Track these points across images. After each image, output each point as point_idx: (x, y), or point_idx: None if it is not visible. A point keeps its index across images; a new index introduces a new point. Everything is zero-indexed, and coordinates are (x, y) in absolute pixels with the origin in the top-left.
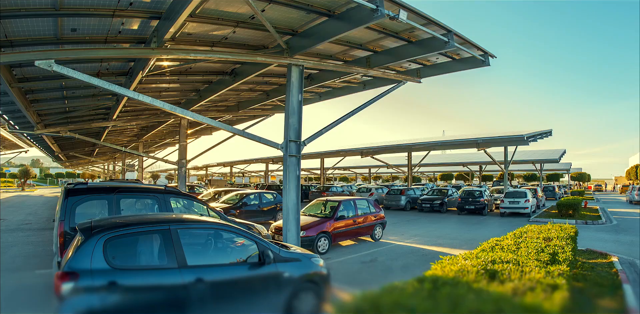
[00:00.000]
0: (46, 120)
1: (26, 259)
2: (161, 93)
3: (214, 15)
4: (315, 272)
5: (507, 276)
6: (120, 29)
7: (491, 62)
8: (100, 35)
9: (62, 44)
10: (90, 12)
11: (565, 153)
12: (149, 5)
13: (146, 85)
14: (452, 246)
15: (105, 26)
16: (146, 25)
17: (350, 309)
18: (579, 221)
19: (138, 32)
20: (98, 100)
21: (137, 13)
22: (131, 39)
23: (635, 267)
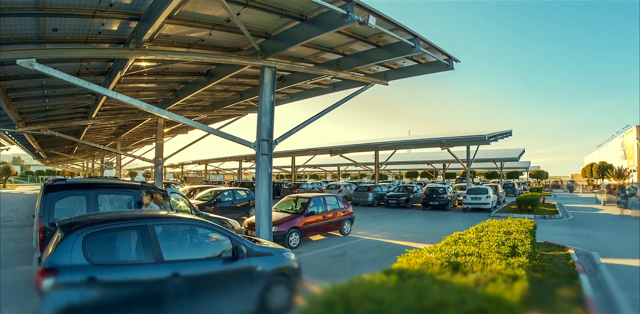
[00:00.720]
0: (27, 118)
1: (8, 256)
2: (139, 93)
3: (191, 18)
4: (286, 266)
5: (469, 268)
6: (101, 30)
7: (455, 66)
8: (81, 35)
9: (44, 44)
10: (72, 13)
11: (524, 152)
12: (129, 6)
13: (125, 84)
14: (418, 240)
15: (86, 26)
16: (125, 26)
17: (320, 302)
18: (537, 216)
19: (118, 32)
20: (78, 99)
21: (117, 14)
22: (111, 40)
23: (591, 258)
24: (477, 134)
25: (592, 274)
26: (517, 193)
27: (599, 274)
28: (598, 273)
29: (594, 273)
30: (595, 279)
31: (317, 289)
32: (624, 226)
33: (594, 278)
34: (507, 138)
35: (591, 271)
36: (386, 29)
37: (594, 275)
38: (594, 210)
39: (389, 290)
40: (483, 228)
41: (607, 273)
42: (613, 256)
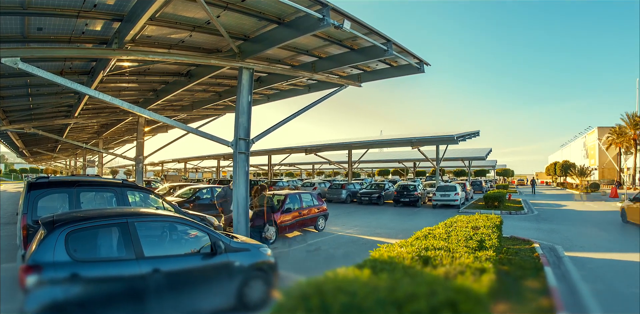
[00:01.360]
0: (11, 117)
1: None
2: (121, 93)
3: (173, 20)
4: (263, 261)
5: (439, 262)
6: (84, 30)
7: (426, 68)
8: (65, 34)
9: (28, 43)
10: (56, 12)
11: (491, 151)
12: (112, 7)
13: (107, 84)
14: (389, 235)
15: (70, 26)
16: (108, 26)
17: (296, 295)
18: (503, 211)
19: (101, 33)
20: (61, 97)
21: (101, 15)
22: (94, 40)
23: (555, 252)
24: (446, 134)
25: (556, 266)
26: (484, 191)
27: (563, 267)
28: (562, 265)
29: (558, 266)
30: (559, 271)
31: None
32: (587, 221)
33: (558, 270)
34: (474, 138)
35: (555, 264)
36: (360, 33)
37: (558, 267)
38: (558, 206)
39: (362, 283)
40: (452, 223)
41: (571, 265)
42: (576, 250)
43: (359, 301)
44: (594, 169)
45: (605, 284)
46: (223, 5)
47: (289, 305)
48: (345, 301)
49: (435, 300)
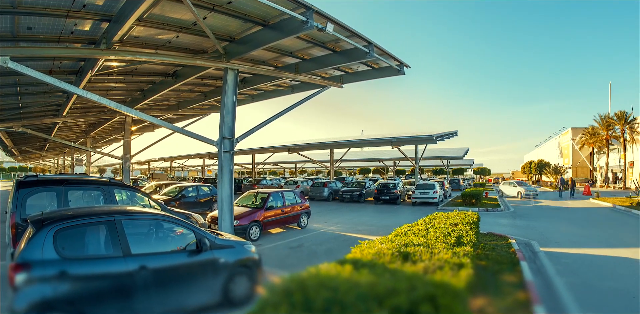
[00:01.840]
0: (0, 116)
1: None
2: (108, 92)
3: (160, 21)
4: (248, 257)
5: (418, 257)
6: (73, 30)
7: (406, 70)
8: (54, 34)
9: (18, 42)
10: (46, 12)
11: (468, 151)
12: (101, 8)
13: (95, 83)
14: (370, 232)
15: (59, 26)
16: (97, 27)
17: (280, 291)
18: (480, 209)
19: (89, 33)
20: (50, 97)
21: (90, 15)
22: (82, 40)
23: (531, 247)
24: (425, 134)
25: (532, 261)
26: (462, 188)
27: (538, 261)
28: (537, 260)
29: (534, 260)
30: (534, 265)
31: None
32: (561, 217)
33: (534, 265)
34: (453, 138)
35: (531, 259)
36: (343, 35)
37: (534, 262)
38: (534, 203)
39: (343, 279)
40: (431, 220)
41: (546, 260)
42: (551, 245)
43: (340, 297)
44: (567, 168)
45: (580, 278)
46: (209, 7)
47: (273, 301)
48: (328, 296)
49: (415, 295)
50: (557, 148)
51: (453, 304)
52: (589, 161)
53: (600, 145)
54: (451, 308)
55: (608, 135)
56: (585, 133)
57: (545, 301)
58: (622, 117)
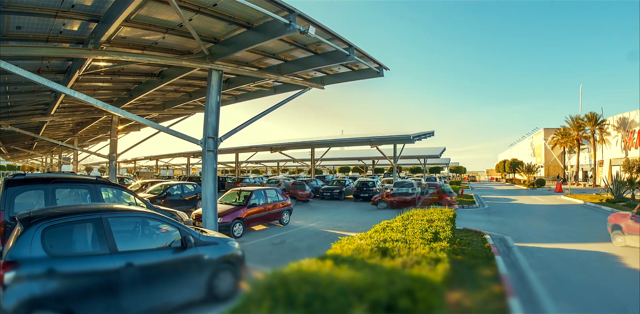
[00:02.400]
0: None
1: None
2: (95, 92)
3: (147, 22)
4: (231, 254)
5: (397, 253)
6: (62, 29)
7: (385, 72)
8: (43, 34)
9: (7, 41)
10: (36, 12)
11: (445, 150)
12: (89, 8)
13: (82, 83)
14: (350, 228)
15: (48, 26)
16: (85, 27)
17: (262, 286)
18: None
19: (78, 33)
20: (38, 96)
21: (78, 15)
22: (71, 39)
23: (505, 242)
24: (403, 134)
25: (506, 255)
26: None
27: (512, 256)
28: (511, 255)
29: (508, 255)
30: (509, 259)
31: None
32: (534, 213)
33: (508, 259)
34: (430, 137)
35: (505, 253)
36: (324, 38)
37: (508, 256)
38: (507, 200)
39: (324, 274)
40: (408, 217)
41: (520, 254)
42: (525, 240)
43: (322, 291)
44: (540, 166)
45: (552, 272)
46: (195, 9)
47: (256, 296)
48: (309, 291)
49: (393, 289)
50: (530, 147)
51: (430, 297)
52: (560, 160)
53: (572, 144)
54: (428, 301)
55: (579, 135)
56: (557, 134)
57: (520, 293)
58: (592, 119)
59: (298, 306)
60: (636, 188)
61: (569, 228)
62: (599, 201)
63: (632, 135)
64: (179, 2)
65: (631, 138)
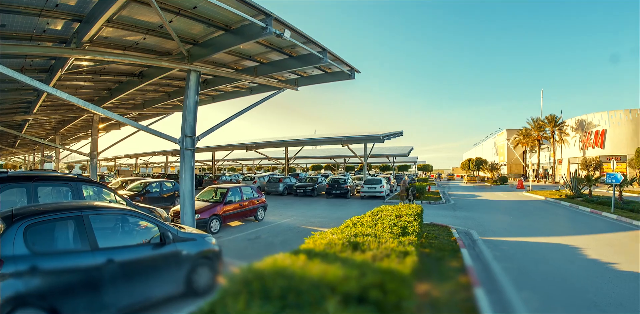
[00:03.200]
0: None
1: None
2: (77, 91)
3: (129, 22)
4: (209, 249)
5: (367, 247)
6: (45, 28)
7: (356, 74)
8: (27, 32)
9: None
10: (20, 10)
11: (412, 149)
12: (73, 8)
13: (64, 82)
14: (322, 224)
15: (32, 24)
16: (68, 26)
17: (239, 280)
18: (424, 201)
19: (61, 32)
20: (21, 94)
21: (62, 15)
22: (54, 39)
23: (470, 235)
24: (372, 134)
25: (472, 248)
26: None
27: (477, 248)
28: (476, 247)
29: (473, 248)
30: (474, 252)
31: (236, 269)
32: (497, 209)
33: (473, 251)
34: (398, 137)
35: (470, 246)
36: (299, 41)
37: (473, 249)
38: (472, 196)
39: (298, 268)
40: (378, 212)
41: (484, 247)
42: (489, 234)
43: (296, 285)
44: (503, 165)
45: (515, 263)
46: (175, 11)
47: (233, 289)
48: (284, 284)
49: (364, 281)
50: (494, 147)
51: (400, 289)
52: (522, 159)
53: (533, 144)
54: (398, 292)
55: (539, 135)
56: (519, 134)
57: (484, 283)
58: (552, 120)
59: (273, 299)
60: (593, 185)
61: (530, 223)
62: (559, 197)
63: (589, 136)
64: (160, 3)
65: (589, 139)
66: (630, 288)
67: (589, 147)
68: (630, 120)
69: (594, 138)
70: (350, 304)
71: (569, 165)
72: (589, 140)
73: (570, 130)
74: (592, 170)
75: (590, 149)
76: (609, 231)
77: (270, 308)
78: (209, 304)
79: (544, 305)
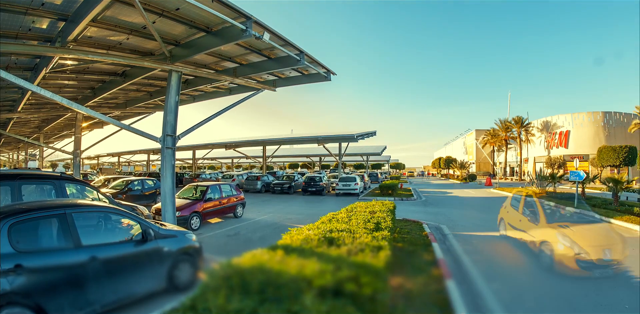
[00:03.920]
0: None
1: None
2: (61, 89)
3: (113, 23)
4: (189, 246)
5: (342, 242)
6: (31, 27)
7: (332, 76)
8: (13, 30)
9: None
10: (6, 8)
11: (386, 148)
12: (59, 7)
13: (49, 80)
14: (299, 220)
15: (17, 22)
16: (54, 25)
17: (219, 276)
18: (396, 198)
19: (46, 31)
20: (5, 92)
21: (47, 13)
22: (39, 37)
23: (441, 230)
24: (347, 133)
25: (442, 242)
26: (380, 181)
27: (448, 242)
28: (447, 241)
29: (444, 242)
30: (444, 246)
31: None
32: (467, 205)
33: (444, 245)
34: (372, 137)
35: (441, 240)
36: (277, 44)
37: (444, 243)
38: (443, 193)
39: (276, 263)
40: (352, 209)
41: (454, 241)
42: (459, 229)
43: (274, 279)
44: (472, 163)
45: (484, 256)
46: (159, 12)
47: (213, 285)
48: (262, 279)
49: (340, 275)
50: (463, 146)
51: (374, 282)
52: (490, 158)
53: (500, 144)
54: (373, 285)
55: (507, 136)
56: (487, 134)
57: (455, 275)
58: (519, 122)
59: (252, 294)
60: (557, 182)
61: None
62: (525, 194)
63: (554, 136)
64: (144, 4)
65: (553, 139)
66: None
67: (554, 146)
68: (592, 121)
69: (558, 139)
70: (326, 297)
71: (535, 163)
72: (554, 140)
73: (535, 131)
74: (556, 168)
75: (554, 149)
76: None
77: (249, 302)
78: (191, 300)
79: (513, 295)
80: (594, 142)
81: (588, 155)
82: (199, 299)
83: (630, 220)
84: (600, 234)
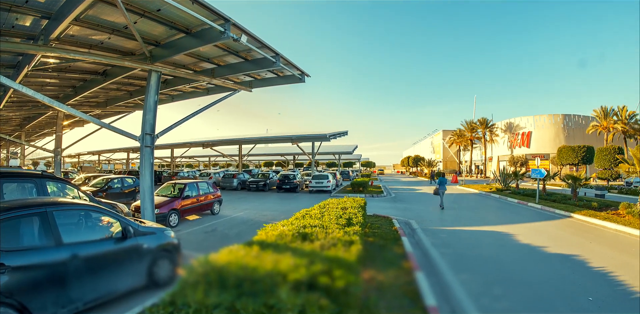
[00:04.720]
0: None
1: None
2: (43, 87)
3: (95, 22)
4: (168, 242)
5: (315, 237)
6: (14, 24)
7: (306, 78)
8: None
9: None
10: None
11: (357, 147)
12: (42, 5)
13: (31, 78)
14: (274, 216)
15: (1, 19)
16: (37, 23)
17: (197, 271)
18: (367, 195)
19: (29, 29)
20: None
21: (31, 11)
22: (22, 35)
23: (410, 225)
24: (320, 133)
25: (411, 236)
26: (351, 178)
27: (416, 236)
28: (415, 235)
29: (413, 236)
30: (413, 240)
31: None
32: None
33: (413, 239)
34: (344, 136)
35: (410, 234)
36: (254, 46)
37: (413, 237)
38: (411, 190)
39: (251, 257)
40: (325, 205)
41: (423, 235)
42: (427, 224)
43: (250, 274)
44: (439, 161)
45: (451, 249)
46: (140, 12)
47: (191, 280)
48: (239, 274)
49: (313, 269)
50: (431, 146)
51: (347, 275)
52: (456, 157)
53: (466, 144)
54: (345, 278)
55: (472, 136)
56: (454, 135)
57: (424, 267)
58: (484, 123)
59: (230, 288)
60: (520, 179)
61: (465, 213)
62: (490, 190)
63: (517, 137)
64: (126, 4)
65: (516, 139)
66: (556, 266)
67: (517, 146)
68: (553, 123)
69: (521, 139)
70: (301, 290)
71: (499, 162)
72: (517, 141)
73: (499, 132)
74: (519, 166)
75: (517, 148)
76: (536, 218)
77: (227, 296)
78: (170, 295)
79: (480, 285)
80: (555, 142)
81: (549, 154)
82: (178, 294)
83: (589, 213)
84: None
